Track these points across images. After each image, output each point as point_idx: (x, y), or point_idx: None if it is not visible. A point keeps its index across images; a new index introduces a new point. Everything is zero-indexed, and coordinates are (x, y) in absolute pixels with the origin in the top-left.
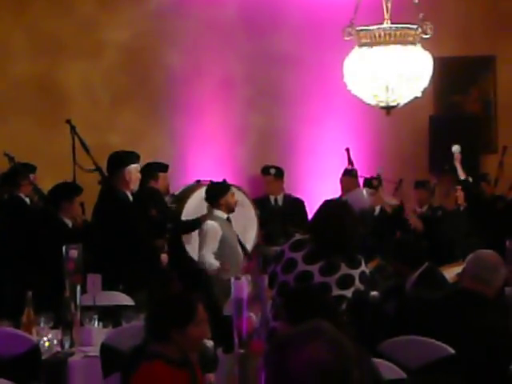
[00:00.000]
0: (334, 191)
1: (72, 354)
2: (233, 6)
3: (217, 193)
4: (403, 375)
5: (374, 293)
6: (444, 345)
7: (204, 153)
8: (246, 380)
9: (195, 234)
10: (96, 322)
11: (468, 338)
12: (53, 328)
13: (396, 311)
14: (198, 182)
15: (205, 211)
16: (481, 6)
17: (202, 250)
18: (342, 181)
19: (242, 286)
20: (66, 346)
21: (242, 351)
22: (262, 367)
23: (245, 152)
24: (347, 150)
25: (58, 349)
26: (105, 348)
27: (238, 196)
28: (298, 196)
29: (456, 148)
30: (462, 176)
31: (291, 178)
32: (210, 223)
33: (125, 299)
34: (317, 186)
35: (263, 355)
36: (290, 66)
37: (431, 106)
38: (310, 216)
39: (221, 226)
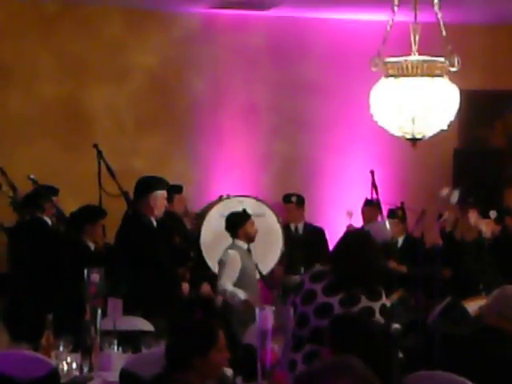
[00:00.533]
0: (355, 221)
1: (91, 378)
2: (260, 33)
3: (236, 222)
4: None
5: (395, 325)
6: (468, 381)
7: (228, 179)
8: None
9: None
10: (115, 347)
11: (491, 375)
12: (72, 352)
13: (419, 345)
14: (221, 197)
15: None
16: (508, 39)
17: (222, 279)
18: (363, 211)
19: (267, 316)
20: (85, 370)
21: (265, 382)
22: None
23: (268, 179)
24: (372, 172)
25: (77, 373)
26: (124, 374)
27: (273, 224)
28: (318, 225)
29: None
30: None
31: (312, 206)
32: (231, 252)
33: (144, 325)
34: (338, 216)
35: None
36: (315, 94)
37: (456, 139)
38: (330, 245)
39: (241, 256)
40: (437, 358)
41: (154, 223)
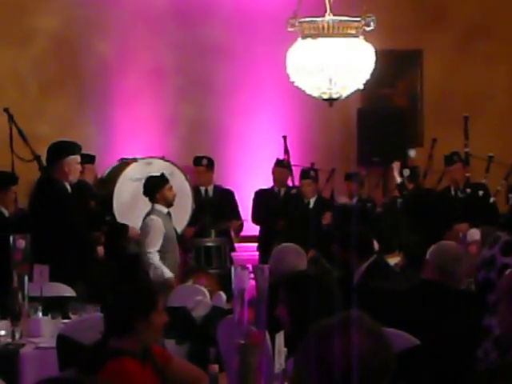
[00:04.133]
0: (265, 182)
1: (22, 345)
2: None
3: (153, 186)
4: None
5: None
6: (409, 335)
7: (134, 142)
8: (248, 370)
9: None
10: (40, 313)
11: (433, 328)
12: (1, 319)
13: (347, 302)
14: (122, 159)
15: (136, 191)
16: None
17: (147, 247)
18: (273, 172)
19: (244, 275)
20: (17, 336)
21: (243, 342)
22: (262, 358)
23: (175, 142)
24: (284, 137)
25: (8, 340)
26: (61, 339)
27: (183, 185)
28: (227, 187)
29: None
30: (398, 180)
31: (221, 168)
32: (154, 219)
33: (68, 291)
34: (247, 178)
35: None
36: (222, 56)
37: (359, 99)
38: (240, 207)
39: (162, 220)
40: (371, 314)
41: (69, 188)
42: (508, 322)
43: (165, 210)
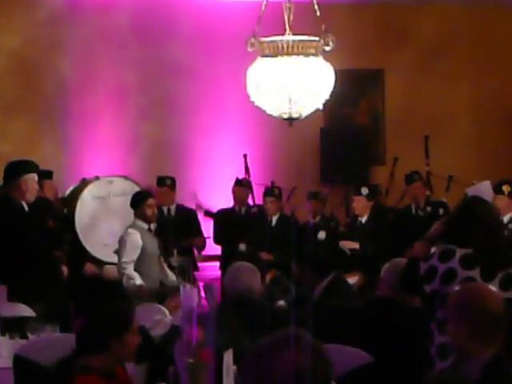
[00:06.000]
0: (227, 200)
1: None
2: (125, 13)
3: (133, 202)
4: None
5: (280, 302)
6: (364, 352)
7: (96, 162)
8: None
9: None
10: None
11: (388, 345)
12: None
13: (306, 320)
14: (84, 180)
15: (98, 210)
16: (372, 19)
17: (122, 258)
18: (233, 191)
19: (192, 294)
20: None
21: (191, 360)
22: (210, 376)
23: (137, 162)
24: (245, 156)
25: None
26: (18, 360)
27: None
28: (189, 206)
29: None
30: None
31: (183, 187)
32: (130, 231)
33: (26, 311)
34: (209, 197)
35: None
36: (184, 76)
37: (322, 119)
38: (202, 226)
39: (141, 234)
40: (328, 332)
41: (26, 207)
42: (457, 339)
43: (145, 225)
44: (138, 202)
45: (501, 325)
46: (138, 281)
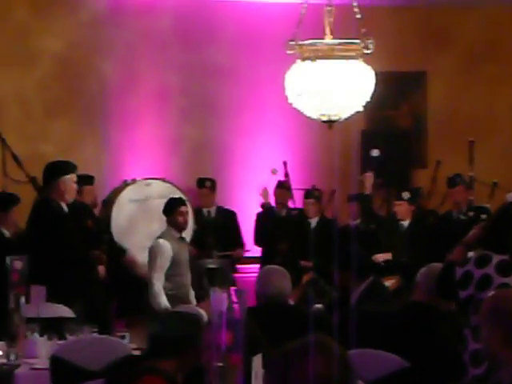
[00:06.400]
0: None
1: (18, 366)
2: (167, 16)
3: (166, 209)
4: None
5: (317, 305)
6: (399, 357)
7: (137, 164)
8: None
9: None
10: (37, 334)
11: (422, 350)
12: None
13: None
14: (125, 181)
15: (136, 212)
16: (413, 21)
17: (151, 271)
18: (275, 193)
19: (222, 298)
20: (12, 358)
21: (220, 364)
22: (239, 380)
23: (178, 163)
24: (284, 163)
25: (4, 361)
26: (55, 361)
27: None
28: (229, 208)
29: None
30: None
31: (224, 190)
32: (160, 242)
33: (66, 311)
34: (249, 199)
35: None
36: (225, 78)
37: (363, 121)
38: (242, 228)
39: (172, 244)
40: (364, 336)
41: (65, 208)
42: (490, 345)
43: (176, 234)
44: (170, 209)
45: None
46: (164, 302)
